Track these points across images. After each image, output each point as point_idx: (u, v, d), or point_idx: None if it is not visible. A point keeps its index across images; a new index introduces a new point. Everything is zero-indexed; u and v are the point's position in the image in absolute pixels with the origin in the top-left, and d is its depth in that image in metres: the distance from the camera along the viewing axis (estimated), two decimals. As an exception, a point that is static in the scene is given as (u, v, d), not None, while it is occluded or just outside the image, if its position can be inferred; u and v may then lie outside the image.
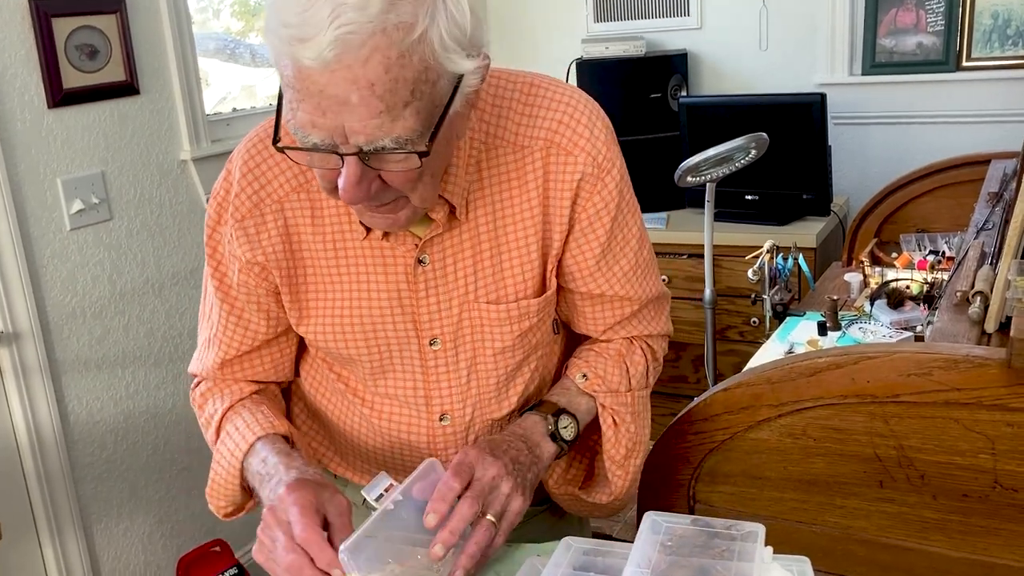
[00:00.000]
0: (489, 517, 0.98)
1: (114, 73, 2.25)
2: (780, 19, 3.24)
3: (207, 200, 2.42)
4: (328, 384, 1.20)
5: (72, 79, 2.15)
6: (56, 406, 2.16)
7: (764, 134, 2.36)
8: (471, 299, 1.09)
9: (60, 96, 2.13)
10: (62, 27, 2.12)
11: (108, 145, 2.26)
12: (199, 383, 1.21)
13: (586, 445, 1.23)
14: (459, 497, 0.96)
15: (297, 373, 1.25)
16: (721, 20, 3.33)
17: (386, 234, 1.04)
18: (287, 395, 1.27)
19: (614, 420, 1.16)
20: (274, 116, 0.98)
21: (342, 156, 0.85)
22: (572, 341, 1.27)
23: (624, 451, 1.17)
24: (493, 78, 1.07)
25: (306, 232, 1.07)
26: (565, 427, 1.13)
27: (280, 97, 0.88)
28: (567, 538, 0.94)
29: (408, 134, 0.84)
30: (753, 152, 2.36)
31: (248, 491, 1.11)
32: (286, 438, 1.10)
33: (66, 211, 2.17)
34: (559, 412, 1.13)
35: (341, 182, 0.87)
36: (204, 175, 2.48)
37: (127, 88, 2.29)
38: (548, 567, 0.88)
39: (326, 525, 0.93)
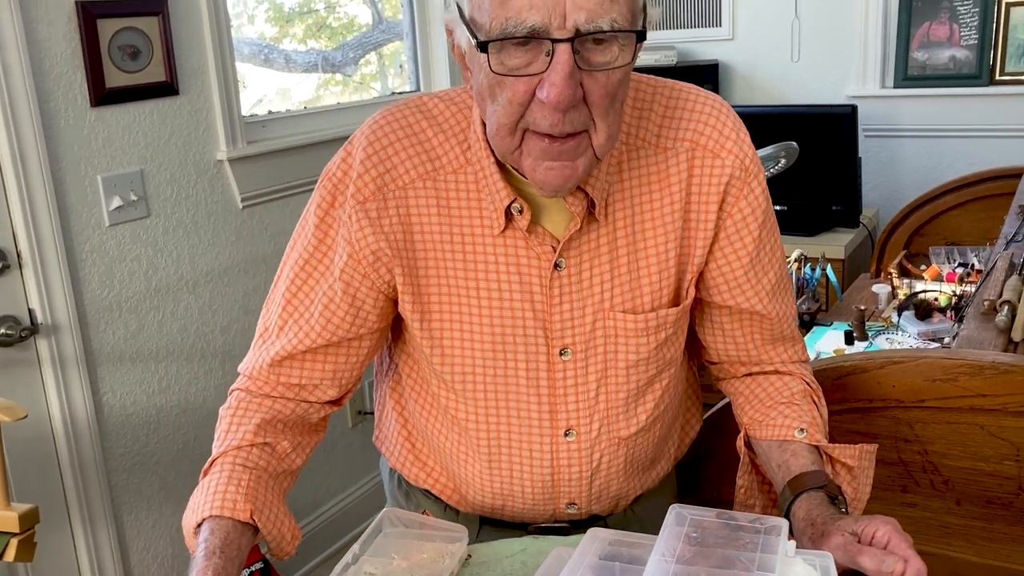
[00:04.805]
0: None
1: (155, 74, 2.30)
2: (812, 31, 3.25)
3: (241, 200, 2.51)
4: (439, 414, 1.14)
5: (114, 79, 2.20)
6: (91, 397, 2.20)
7: (794, 143, 2.37)
8: (606, 307, 1.04)
9: (102, 95, 2.18)
10: (106, 28, 2.17)
11: (147, 144, 2.31)
12: (234, 391, 1.15)
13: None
14: None
15: (404, 407, 1.19)
16: (753, 31, 3.35)
17: (529, 228, 0.99)
18: (400, 425, 1.21)
19: (849, 472, 1.10)
20: (400, 102, 1.06)
21: (554, 45, 0.83)
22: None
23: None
24: (633, 81, 1.04)
25: (430, 224, 1.01)
26: None
27: (459, 10, 0.89)
28: (593, 528, 0.95)
29: (622, 21, 0.84)
30: (783, 161, 2.36)
31: None
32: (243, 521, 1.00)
33: (105, 208, 2.22)
34: (834, 499, 1.03)
35: (548, 81, 0.84)
36: (240, 175, 2.53)
37: (167, 88, 2.34)
38: (574, 556, 0.90)
39: None
